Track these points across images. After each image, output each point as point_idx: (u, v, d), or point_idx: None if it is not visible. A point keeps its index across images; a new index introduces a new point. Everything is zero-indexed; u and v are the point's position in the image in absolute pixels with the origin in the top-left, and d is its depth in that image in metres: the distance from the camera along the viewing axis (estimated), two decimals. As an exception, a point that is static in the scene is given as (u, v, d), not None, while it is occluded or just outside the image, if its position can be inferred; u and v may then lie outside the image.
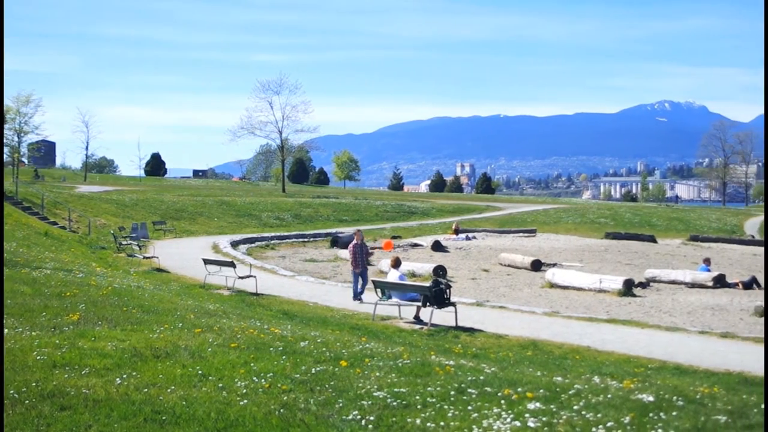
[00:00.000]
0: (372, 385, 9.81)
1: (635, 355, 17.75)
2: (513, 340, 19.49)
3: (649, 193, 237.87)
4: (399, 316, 22.77)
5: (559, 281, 33.11)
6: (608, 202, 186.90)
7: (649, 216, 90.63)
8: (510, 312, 24.76)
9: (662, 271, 37.53)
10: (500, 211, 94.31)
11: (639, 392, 10.29)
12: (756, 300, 28.99)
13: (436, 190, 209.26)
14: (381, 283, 23.38)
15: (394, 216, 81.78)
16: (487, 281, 35.68)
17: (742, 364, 16.72)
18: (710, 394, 10.97)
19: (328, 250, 47.68)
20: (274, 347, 12.64)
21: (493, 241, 56.53)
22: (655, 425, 8.21)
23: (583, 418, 8.43)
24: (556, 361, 16.32)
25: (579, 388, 10.43)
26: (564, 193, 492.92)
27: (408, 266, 35.70)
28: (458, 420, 8.20)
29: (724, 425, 8.40)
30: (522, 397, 9.39)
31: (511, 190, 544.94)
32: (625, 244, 56.91)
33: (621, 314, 25.66)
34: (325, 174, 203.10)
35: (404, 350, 14.19)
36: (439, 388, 9.80)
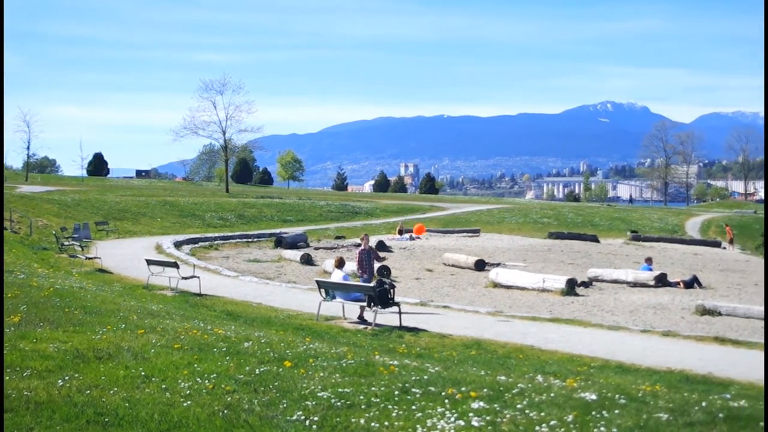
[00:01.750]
0: (316, 386, 9.81)
1: (578, 353, 17.86)
2: (457, 339, 19.54)
3: (591, 193, 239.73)
4: (343, 316, 22.77)
5: (503, 281, 33.24)
6: (551, 202, 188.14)
7: (592, 216, 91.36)
8: (454, 312, 24.83)
9: (604, 271, 37.80)
10: (444, 211, 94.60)
11: (582, 391, 10.37)
12: (697, 299, 29.26)
13: (380, 190, 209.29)
14: (325, 283, 23.38)
15: (338, 216, 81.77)
16: (431, 281, 35.75)
17: (683, 362, 16.88)
18: (652, 392, 11.06)
19: (272, 251, 47.52)
20: (217, 348, 12.61)
21: (437, 241, 56.60)
22: (597, 423, 8.28)
23: (526, 417, 8.48)
24: (499, 360, 16.39)
25: (522, 387, 10.49)
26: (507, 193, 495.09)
27: (352, 266, 35.65)
28: (402, 420, 8.22)
29: (665, 423, 8.47)
30: (466, 397, 9.42)
31: (455, 190, 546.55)
32: (567, 244, 57.24)
33: (564, 313, 25.80)
34: (269, 174, 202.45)
35: (348, 350, 14.20)
36: (384, 388, 9.82)
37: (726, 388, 13.48)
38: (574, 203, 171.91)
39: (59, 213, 59.27)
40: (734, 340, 20.18)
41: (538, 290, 31.51)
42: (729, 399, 10.84)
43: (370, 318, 21.57)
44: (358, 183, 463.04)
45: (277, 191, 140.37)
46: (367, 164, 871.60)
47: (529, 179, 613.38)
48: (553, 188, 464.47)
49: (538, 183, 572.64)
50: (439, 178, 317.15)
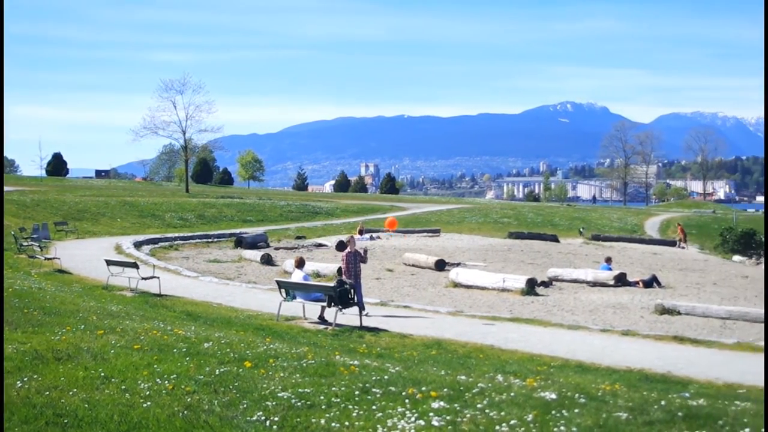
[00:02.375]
0: (276, 386, 9.80)
1: (538, 353, 17.92)
2: (417, 339, 19.57)
3: (551, 193, 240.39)
4: (303, 316, 22.75)
5: (463, 281, 33.29)
6: (511, 202, 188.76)
7: (552, 216, 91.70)
8: (414, 311, 24.86)
9: (564, 270, 37.93)
10: (404, 211, 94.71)
11: (542, 390, 10.40)
12: (656, 298, 29.42)
13: (340, 190, 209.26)
14: (285, 283, 23.35)
15: (298, 216, 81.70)
16: (392, 281, 35.76)
17: (642, 361, 16.98)
18: (612, 391, 11.12)
19: (232, 251, 47.40)
20: (177, 348, 12.58)
21: (397, 240, 56.60)
22: (557, 422, 8.30)
23: (486, 417, 8.49)
24: (460, 360, 16.42)
25: (483, 386, 10.51)
26: (468, 193, 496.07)
27: (312, 266, 35.65)
28: (363, 420, 8.22)
29: (625, 422, 8.51)
30: (426, 396, 9.43)
31: (416, 190, 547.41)
32: (527, 244, 57.36)
33: (524, 313, 25.88)
34: (229, 174, 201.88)
35: (309, 350, 14.20)
36: (344, 388, 9.82)
37: (685, 387, 13.58)
38: (534, 203, 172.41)
39: (18, 213, 58.89)
40: (693, 339, 20.32)
41: (498, 290, 31.57)
42: (688, 398, 10.91)
43: (330, 318, 21.56)
44: (319, 183, 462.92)
45: (237, 191, 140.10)
46: (327, 164, 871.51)
47: (489, 179, 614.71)
48: (513, 188, 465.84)
49: (499, 183, 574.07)
50: (399, 178, 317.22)
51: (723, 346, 19.43)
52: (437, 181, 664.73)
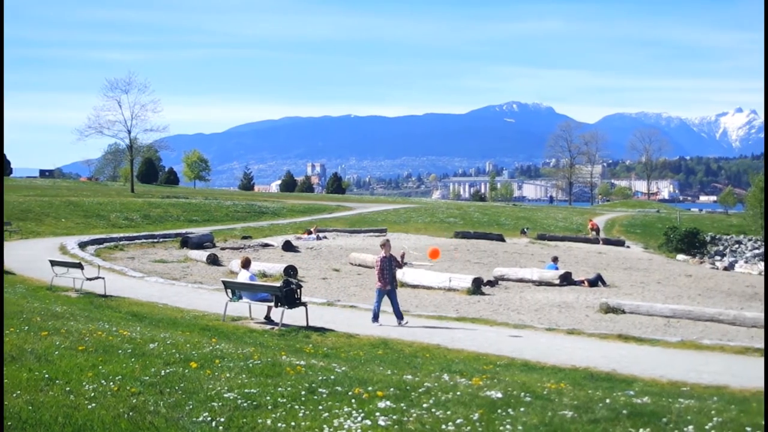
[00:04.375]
0: (222, 387, 9.77)
1: (484, 352, 17.98)
2: (364, 339, 19.59)
3: (497, 192, 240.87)
4: (250, 316, 22.71)
5: (409, 280, 33.35)
6: (457, 202, 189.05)
7: (498, 215, 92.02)
8: (361, 311, 24.90)
9: (510, 270, 38.09)
10: (351, 210, 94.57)
11: (488, 389, 10.44)
12: (601, 297, 29.63)
13: (286, 190, 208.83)
14: (231, 283, 23.28)
15: (244, 216, 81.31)
16: (338, 281, 35.76)
17: (587, 359, 17.09)
18: (557, 389, 11.18)
19: (178, 251, 47.13)
20: (122, 349, 12.51)
21: (344, 240, 56.57)
22: (503, 421, 8.34)
23: (433, 416, 8.51)
24: (406, 359, 16.45)
25: (429, 386, 10.54)
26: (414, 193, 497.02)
27: (259, 266, 35.55)
28: (309, 420, 8.22)
29: (570, 420, 8.56)
30: (372, 396, 9.44)
31: (362, 189, 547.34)
32: (474, 243, 57.48)
33: (470, 312, 25.98)
34: (175, 174, 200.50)
35: (255, 351, 14.16)
36: (290, 388, 9.80)
37: (630, 385, 13.68)
38: (481, 203, 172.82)
39: (-40, 214, 58.27)
40: (637, 337, 20.48)
41: (444, 289, 31.69)
42: (632, 396, 11.00)
43: (276, 318, 21.52)
44: (265, 183, 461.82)
45: (183, 191, 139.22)
46: (273, 164, 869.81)
47: (435, 179, 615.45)
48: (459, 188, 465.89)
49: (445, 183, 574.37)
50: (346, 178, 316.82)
51: (667, 344, 19.60)
52: (384, 181, 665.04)
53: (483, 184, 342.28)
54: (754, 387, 14.48)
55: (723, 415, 9.21)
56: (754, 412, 9.82)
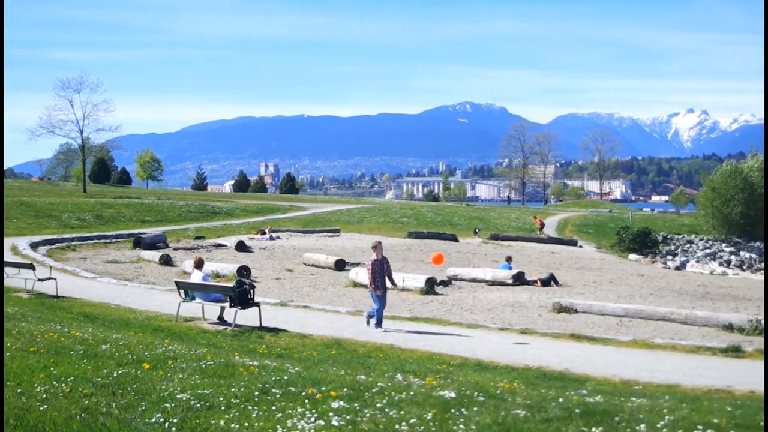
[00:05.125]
0: (175, 387, 9.74)
1: (437, 352, 18.02)
2: (317, 339, 19.58)
3: (450, 193, 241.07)
4: (203, 317, 22.65)
5: (363, 280, 33.32)
6: (411, 202, 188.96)
7: (451, 215, 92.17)
8: (314, 311, 24.91)
9: (463, 270, 38.20)
10: (304, 211, 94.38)
11: (441, 389, 10.46)
12: (554, 297, 29.77)
13: (240, 190, 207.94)
14: (184, 284, 23.20)
15: (197, 216, 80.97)
16: (291, 281, 35.71)
17: (540, 359, 17.16)
18: (510, 389, 11.22)
19: (130, 251, 46.89)
20: (75, 351, 12.44)
21: (297, 241, 56.53)
22: (456, 421, 8.36)
23: (386, 416, 8.52)
24: (359, 359, 16.45)
25: (382, 386, 10.54)
26: (367, 193, 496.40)
27: (212, 267, 35.45)
28: (262, 420, 8.20)
29: (523, 419, 8.59)
30: (326, 396, 9.44)
31: (316, 190, 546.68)
32: (427, 243, 57.58)
33: (423, 312, 26.04)
34: (128, 174, 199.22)
35: (208, 351, 14.13)
36: (243, 389, 9.79)
37: (582, 384, 13.74)
38: (434, 203, 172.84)
39: None
40: (590, 336, 20.59)
41: (397, 289, 31.68)
42: (585, 395, 11.05)
43: (230, 318, 21.47)
44: (218, 183, 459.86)
45: (135, 191, 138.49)
46: (227, 164, 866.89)
47: (389, 179, 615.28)
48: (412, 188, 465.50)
49: (398, 183, 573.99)
50: (299, 178, 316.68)
51: (619, 343, 19.72)
52: (337, 181, 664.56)
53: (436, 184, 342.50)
54: (706, 385, 14.61)
55: (675, 414, 9.28)
56: (706, 410, 9.91)
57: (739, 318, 23.64)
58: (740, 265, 70.37)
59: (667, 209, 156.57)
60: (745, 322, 22.93)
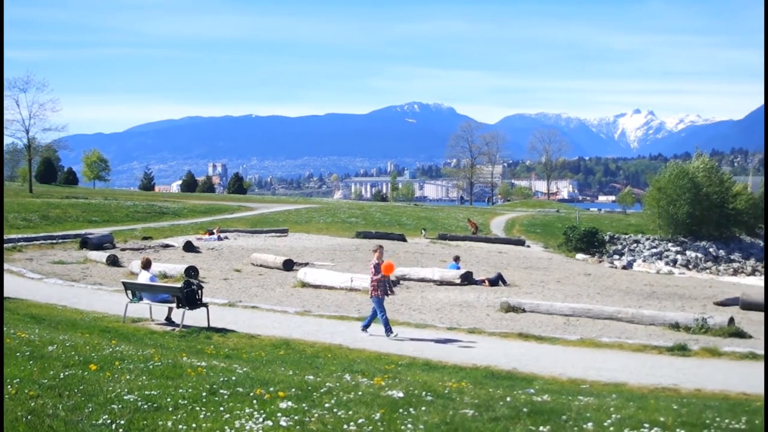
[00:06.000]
0: (122, 389, 9.70)
1: (386, 352, 18.07)
2: (265, 339, 19.57)
3: (398, 192, 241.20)
4: (150, 317, 22.58)
5: (311, 280, 33.34)
6: (359, 202, 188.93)
7: (399, 215, 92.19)
8: (262, 312, 24.89)
9: (412, 269, 38.23)
10: (252, 211, 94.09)
11: (389, 388, 10.48)
12: (502, 296, 29.89)
13: (187, 190, 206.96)
14: (131, 284, 23.11)
15: (145, 216, 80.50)
16: (240, 281, 35.60)
17: (488, 358, 17.24)
18: (458, 388, 11.26)
19: (77, 252, 46.53)
20: (21, 352, 12.35)
21: (245, 241, 56.34)
22: (404, 420, 8.38)
23: (334, 416, 8.53)
24: (308, 359, 16.46)
25: (330, 386, 10.56)
26: (316, 193, 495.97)
27: (159, 267, 35.26)
28: (210, 421, 8.19)
29: (471, 419, 8.63)
30: (274, 397, 9.44)
31: (264, 190, 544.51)
32: (375, 243, 57.60)
33: (372, 312, 26.06)
34: (74, 174, 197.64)
35: (155, 352, 14.08)
36: (191, 390, 9.77)
37: (530, 383, 13.84)
38: (382, 203, 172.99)
39: None
40: (537, 336, 20.73)
41: (346, 290, 31.73)
42: (533, 394, 11.13)
43: (177, 319, 21.40)
44: (166, 183, 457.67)
45: (82, 191, 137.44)
46: (174, 164, 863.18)
47: (337, 179, 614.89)
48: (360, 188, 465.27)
49: (346, 183, 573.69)
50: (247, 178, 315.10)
51: (567, 342, 19.86)
52: (285, 181, 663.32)
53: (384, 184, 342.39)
54: (652, 384, 14.75)
55: (621, 412, 9.36)
56: (652, 408, 9.99)
57: (685, 317, 23.86)
58: (686, 264, 71.13)
59: (613, 209, 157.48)
60: (691, 320, 23.14)
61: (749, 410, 10.57)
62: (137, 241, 54.35)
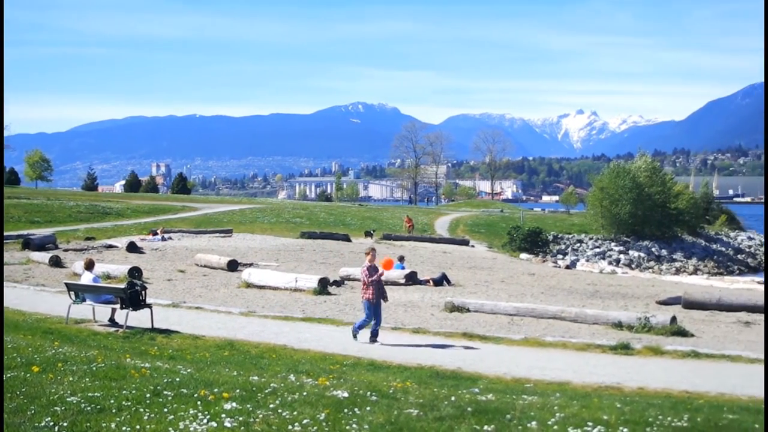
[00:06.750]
0: (65, 391, 9.64)
1: (331, 352, 18.06)
2: (210, 340, 19.50)
3: (343, 193, 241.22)
4: (94, 319, 22.41)
5: (256, 281, 33.25)
6: (303, 202, 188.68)
7: (344, 215, 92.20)
8: (207, 312, 24.81)
9: (356, 269, 38.11)
10: (196, 211, 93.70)
11: (334, 389, 10.50)
12: (446, 296, 29.95)
13: (131, 190, 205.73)
14: (74, 285, 22.92)
15: (88, 217, 79.91)
16: (184, 282, 35.44)
17: (432, 358, 17.29)
18: (403, 388, 11.30)
19: (19, 253, 46.11)
20: (-39, 354, 12.22)
21: (189, 241, 56.09)
22: (349, 421, 8.40)
23: (279, 417, 8.53)
24: (252, 360, 16.42)
25: (275, 386, 10.56)
26: (260, 193, 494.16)
27: (102, 268, 35.00)
28: (154, 423, 8.17)
29: (416, 418, 8.66)
30: (218, 398, 9.43)
31: (208, 190, 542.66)
32: (320, 244, 57.54)
33: (316, 312, 26.04)
34: (16, 174, 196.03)
35: (99, 354, 14.00)
36: (135, 391, 9.73)
37: (474, 383, 13.88)
38: (327, 203, 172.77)
39: None
40: (482, 335, 20.80)
41: (290, 290, 31.67)
42: (477, 393, 11.18)
43: (121, 320, 21.28)
44: (109, 183, 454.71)
45: (24, 191, 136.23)
46: (118, 164, 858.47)
47: (281, 179, 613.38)
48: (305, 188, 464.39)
49: (291, 183, 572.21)
50: (191, 178, 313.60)
51: (511, 342, 19.95)
52: (229, 181, 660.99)
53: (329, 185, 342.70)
54: (596, 382, 14.85)
55: (565, 411, 9.43)
56: (596, 407, 10.08)
57: (628, 316, 24.02)
58: (629, 263, 71.75)
59: (557, 209, 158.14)
60: (633, 319, 23.30)
61: (691, 408, 10.70)
62: (80, 242, 53.94)
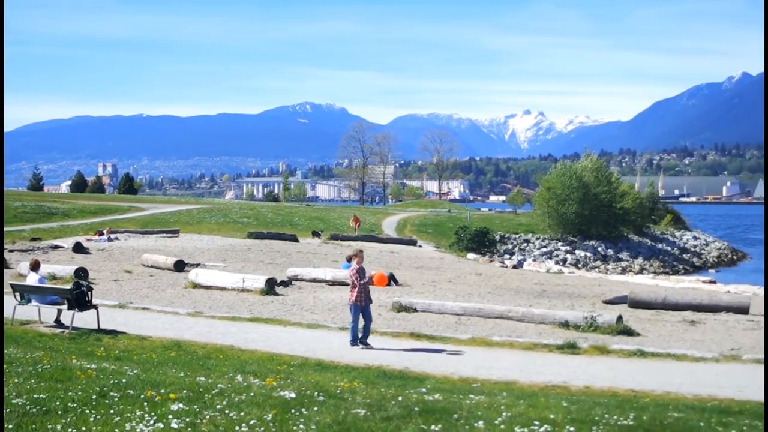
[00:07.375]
0: (10, 392, 9.57)
1: (278, 352, 18.06)
2: (156, 341, 19.43)
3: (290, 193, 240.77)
4: (39, 320, 22.24)
5: (203, 281, 33.14)
6: (251, 202, 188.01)
7: (291, 216, 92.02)
8: (153, 313, 24.73)
9: (304, 270, 38.21)
10: (143, 211, 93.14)
11: (281, 389, 10.50)
12: (393, 296, 30.00)
13: (77, 190, 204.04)
14: (20, 286, 22.76)
15: (33, 217, 79.27)
16: (130, 282, 35.23)
17: (380, 358, 17.34)
18: (350, 388, 11.31)
19: (-38, 254, 45.75)
20: None
21: (136, 241, 55.77)
22: (296, 421, 8.41)
23: (226, 417, 8.53)
24: (199, 361, 16.39)
25: (222, 387, 10.55)
26: (207, 194, 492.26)
27: (48, 268, 34.73)
28: (100, 424, 8.13)
29: (363, 418, 8.68)
30: (165, 399, 9.40)
31: (155, 190, 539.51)
32: (267, 244, 57.38)
33: (264, 313, 26.00)
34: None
35: (44, 355, 13.91)
36: (81, 393, 9.68)
37: (422, 382, 13.93)
38: (274, 203, 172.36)
39: None
40: (429, 335, 20.87)
41: (238, 290, 31.59)
42: (424, 393, 11.22)
43: (67, 321, 21.14)
44: (55, 183, 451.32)
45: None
46: (64, 164, 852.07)
47: (228, 179, 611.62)
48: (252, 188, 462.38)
49: (238, 183, 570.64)
50: (138, 179, 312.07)
51: (458, 341, 20.04)
52: (176, 182, 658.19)
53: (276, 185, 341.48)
54: (542, 382, 14.96)
55: (512, 410, 9.49)
56: (543, 406, 10.15)
57: (574, 315, 24.18)
58: (576, 263, 72.07)
59: (504, 209, 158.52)
60: (580, 319, 23.46)
61: (637, 406, 10.80)
62: (26, 243, 53.51)
